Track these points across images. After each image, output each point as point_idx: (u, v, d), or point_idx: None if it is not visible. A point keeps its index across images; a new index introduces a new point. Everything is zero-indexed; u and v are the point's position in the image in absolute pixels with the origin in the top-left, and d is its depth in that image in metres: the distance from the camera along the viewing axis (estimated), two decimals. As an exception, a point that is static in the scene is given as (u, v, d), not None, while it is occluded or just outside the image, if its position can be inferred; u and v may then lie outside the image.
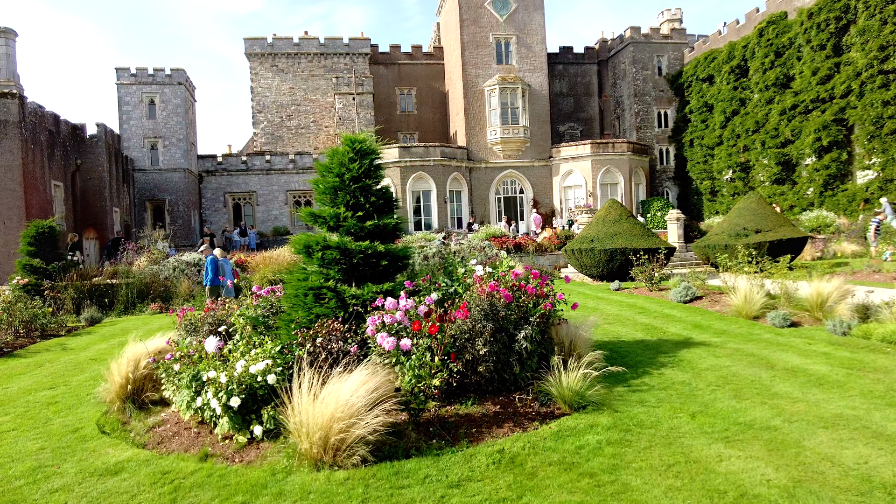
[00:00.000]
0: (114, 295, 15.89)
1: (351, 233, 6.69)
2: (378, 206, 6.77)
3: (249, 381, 5.03)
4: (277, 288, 7.93)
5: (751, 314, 9.66)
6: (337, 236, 6.75)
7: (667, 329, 9.07)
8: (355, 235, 6.75)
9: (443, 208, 35.44)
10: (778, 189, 31.21)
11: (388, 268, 6.77)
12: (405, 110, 44.49)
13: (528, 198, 38.13)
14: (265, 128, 41.34)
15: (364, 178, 6.68)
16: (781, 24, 31.01)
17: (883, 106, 24.99)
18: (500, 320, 5.87)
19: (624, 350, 7.79)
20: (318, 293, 6.46)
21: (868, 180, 26.50)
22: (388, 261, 6.57)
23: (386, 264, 6.56)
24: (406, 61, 44.59)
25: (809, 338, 7.97)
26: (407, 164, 35.01)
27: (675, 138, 40.94)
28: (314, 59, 42.08)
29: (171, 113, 32.90)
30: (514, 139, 37.19)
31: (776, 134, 31.02)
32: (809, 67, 28.78)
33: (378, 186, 6.97)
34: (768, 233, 17.43)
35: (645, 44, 41.66)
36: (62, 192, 22.14)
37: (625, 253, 15.82)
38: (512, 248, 21.46)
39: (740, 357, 7.06)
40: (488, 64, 37.84)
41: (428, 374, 5.05)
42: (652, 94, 41.54)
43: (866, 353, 6.93)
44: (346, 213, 6.61)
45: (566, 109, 45.49)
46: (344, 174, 6.65)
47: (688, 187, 39.85)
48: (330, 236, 6.73)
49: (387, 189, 7.07)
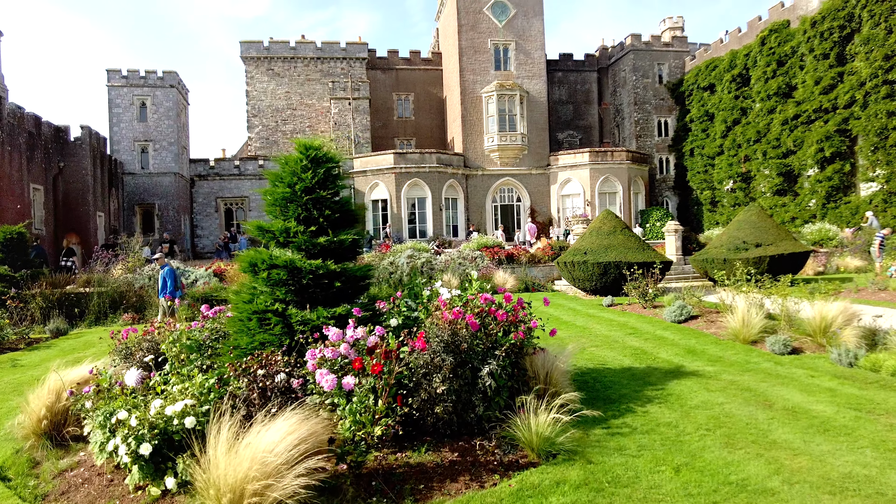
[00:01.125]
0: (86, 304, 15.21)
1: (302, 249, 6.02)
2: (334, 221, 6.10)
3: (164, 425, 4.35)
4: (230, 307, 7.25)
5: (748, 338, 8.97)
6: (289, 253, 6.08)
7: (657, 354, 8.37)
8: (308, 252, 6.08)
9: (438, 216, 34.80)
10: (780, 200, 30.53)
11: (345, 289, 6.10)
12: (402, 116, 43.95)
13: (525, 206, 37.48)
14: (260, 132, 40.79)
15: (318, 189, 6.01)
16: (784, 32, 30.43)
17: (888, 117, 24.34)
18: (464, 353, 5.18)
19: (608, 380, 7.09)
20: (263, 317, 5.80)
21: (872, 192, 25.82)
22: (342, 282, 5.89)
23: (340, 286, 5.87)
24: (404, 66, 44.09)
25: (812, 368, 7.27)
26: (402, 171, 34.40)
27: (675, 147, 40.32)
28: (311, 63, 41.58)
29: (163, 116, 32.34)
30: (511, 146, 36.59)
31: (778, 144, 30.38)
32: (812, 77, 28.17)
33: (337, 198, 6.30)
34: (769, 247, 16.76)
35: (645, 51, 41.12)
36: (42, 196, 21.49)
37: (619, 267, 15.14)
38: (504, 259, 20.77)
39: (735, 392, 6.37)
40: (486, 70, 37.30)
41: (369, 421, 4.36)
42: (652, 102, 40.96)
43: (876, 389, 6.23)
44: (296, 228, 5.94)
45: (565, 117, 44.93)
46: (295, 184, 5.99)
47: (688, 197, 39.18)
48: (281, 253, 6.06)
49: (347, 201, 6.40)
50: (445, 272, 19.04)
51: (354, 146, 39.63)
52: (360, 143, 39.90)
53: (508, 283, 18.48)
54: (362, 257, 16.33)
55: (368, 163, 35.58)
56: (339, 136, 39.94)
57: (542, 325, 6.45)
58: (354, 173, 35.78)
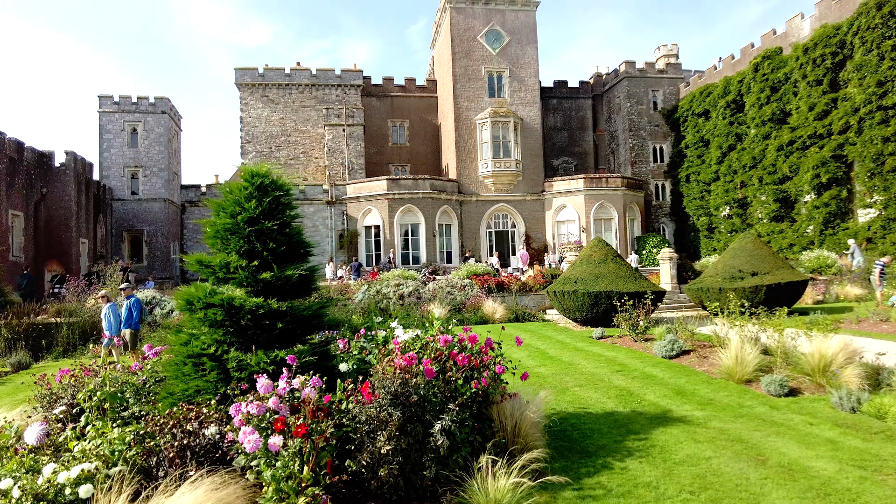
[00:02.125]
0: (55, 336, 14.59)
1: (244, 286, 5.48)
2: (280, 254, 5.56)
3: (53, 495, 3.74)
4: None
5: (742, 377, 8.35)
6: (230, 290, 5.54)
7: (644, 396, 7.75)
8: (253, 289, 5.54)
9: (431, 242, 34.34)
10: (777, 227, 30.09)
11: (292, 330, 5.53)
12: (397, 142, 43.88)
13: (520, 232, 37.07)
14: (253, 158, 40.59)
15: (263, 220, 5.50)
16: (777, 59, 30.42)
17: (883, 143, 24.05)
18: (414, 405, 4.59)
19: (588, 427, 6.46)
20: (198, 361, 5.22)
21: (870, 219, 25.38)
22: (286, 322, 5.33)
23: (283, 327, 5.31)
24: (399, 94, 44.21)
25: (811, 414, 6.65)
26: (395, 197, 34.09)
27: (670, 173, 40.09)
28: (305, 89, 41.66)
29: (154, 142, 32.14)
30: (505, 172, 36.34)
31: (774, 170, 30.09)
32: (806, 103, 28.01)
33: (287, 229, 5.78)
34: (765, 276, 16.19)
35: (640, 78, 41.23)
36: (22, 222, 21.02)
37: (610, 297, 14.56)
38: (494, 287, 20.19)
39: (725, 443, 5.74)
40: (480, 97, 37.30)
41: (293, 490, 3.75)
42: (647, 128, 40.89)
43: (882, 441, 5.61)
44: (237, 262, 5.40)
45: (560, 143, 44.84)
46: (238, 214, 5.48)
47: (684, 224, 38.78)
48: (220, 290, 5.51)
49: (297, 232, 5.88)
50: (433, 301, 18.46)
51: (348, 172, 39.42)
52: (354, 170, 39.69)
53: (498, 313, 17.88)
54: (326, 290, 15.67)
55: (362, 189, 35.30)
56: (332, 163, 39.78)
57: (512, 367, 5.87)
58: (347, 199, 35.48)
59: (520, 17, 38.12)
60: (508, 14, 37.92)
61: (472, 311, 18.07)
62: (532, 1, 38.18)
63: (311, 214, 35.52)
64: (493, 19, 37.67)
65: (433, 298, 18.63)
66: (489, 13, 37.63)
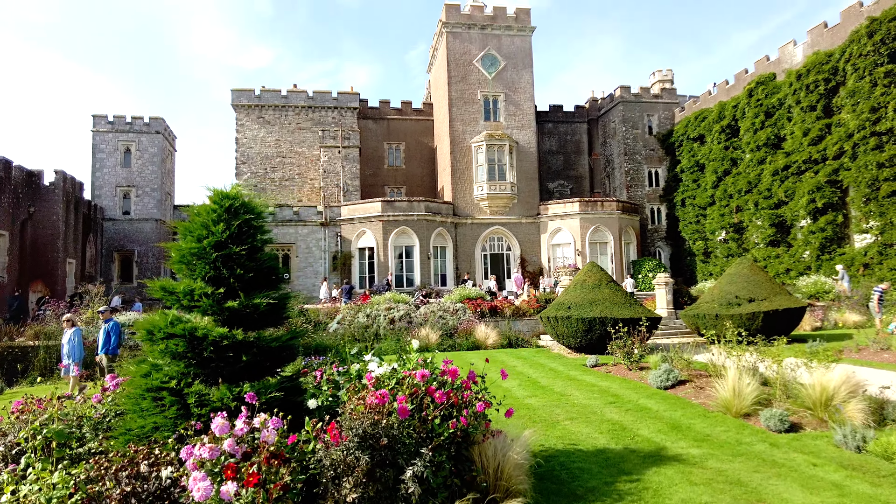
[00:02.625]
0: (31, 359, 14.13)
1: (210, 314, 5.14)
2: (248, 281, 5.24)
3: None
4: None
5: (741, 411, 7.98)
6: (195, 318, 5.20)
7: (637, 431, 7.36)
8: (220, 318, 5.20)
9: (426, 264, 34.03)
10: (773, 251, 29.90)
11: (260, 362, 5.17)
12: (393, 164, 43.88)
13: (515, 255, 36.80)
14: (248, 179, 40.47)
15: (231, 244, 5.18)
16: (770, 84, 30.61)
17: (878, 168, 24.01)
18: (385, 448, 4.22)
19: (577, 467, 6.07)
20: (157, 395, 4.86)
21: (866, 244, 25.22)
22: (252, 354, 4.97)
23: (249, 359, 4.95)
24: (395, 116, 44.37)
25: (814, 454, 6.27)
26: (390, 219, 33.88)
27: (666, 197, 40.07)
28: (302, 111, 41.77)
29: (147, 162, 31.99)
30: (500, 195, 36.23)
31: (769, 195, 30.02)
32: (800, 128, 28.07)
33: (258, 254, 5.46)
34: (763, 302, 15.89)
35: (635, 103, 41.49)
36: (6, 242, 20.64)
37: (604, 323, 14.21)
38: (487, 311, 19.81)
39: (723, 486, 5.36)
40: (476, 120, 37.40)
41: (243, 548, 3.37)
42: (642, 152, 41.00)
43: (892, 486, 5.23)
44: (202, 290, 5.07)
45: (556, 167, 44.91)
46: (204, 238, 5.17)
47: (681, 248, 38.61)
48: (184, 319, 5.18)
49: (268, 258, 5.56)
50: (424, 326, 18.06)
51: (343, 194, 39.29)
52: (349, 191, 39.57)
53: (490, 339, 17.48)
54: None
55: (356, 210, 35.09)
56: (327, 184, 39.66)
57: (497, 402, 5.53)
58: (342, 221, 35.25)
59: (515, 41, 38.45)
60: (504, 39, 38.24)
61: (464, 337, 17.67)
62: (528, 26, 38.56)
63: (304, 236, 35.22)
64: (489, 44, 37.98)
65: (425, 323, 18.24)
66: (485, 38, 37.95)
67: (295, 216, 35.28)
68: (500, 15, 38.21)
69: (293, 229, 35.15)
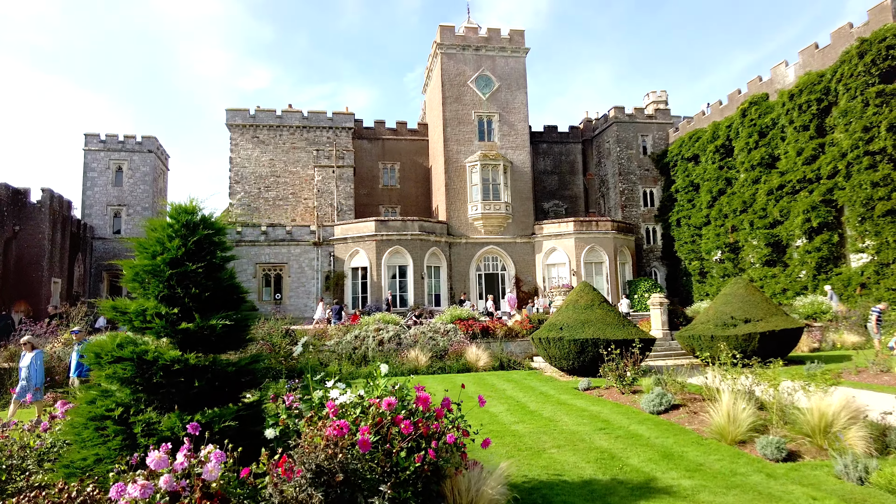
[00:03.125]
0: (3, 383, 13.68)
1: (163, 336, 4.80)
2: (205, 301, 4.90)
3: None
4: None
5: (736, 437, 7.60)
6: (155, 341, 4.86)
7: (627, 460, 6.96)
8: (175, 341, 4.86)
9: (420, 284, 33.65)
10: (769, 271, 29.64)
11: (220, 388, 4.82)
12: (388, 184, 43.79)
13: (510, 275, 36.48)
14: (242, 198, 40.28)
15: (187, 262, 4.86)
16: (763, 105, 30.69)
17: (872, 187, 23.89)
18: (341, 485, 3.85)
19: (560, 500, 5.67)
20: (101, 425, 4.49)
21: (863, 264, 24.98)
22: (207, 380, 4.62)
23: (201, 385, 4.59)
24: (390, 137, 44.42)
25: (814, 486, 5.89)
26: (383, 239, 33.60)
27: (661, 217, 39.94)
28: (296, 131, 41.77)
29: (139, 181, 31.79)
30: (495, 215, 36.06)
31: (764, 214, 29.88)
32: (794, 148, 28.05)
33: (218, 273, 5.14)
34: (759, 322, 15.56)
35: (629, 123, 41.62)
36: (-11, 261, 20.35)
37: (596, 344, 13.84)
38: (479, 332, 19.41)
39: (717, 523, 4.97)
40: (470, 140, 37.39)
41: None
42: (637, 172, 40.99)
43: (896, 523, 4.85)
44: (155, 310, 4.74)
45: (551, 187, 44.87)
46: (159, 255, 4.85)
47: (676, 268, 38.35)
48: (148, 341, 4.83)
49: (228, 276, 5.23)
50: (414, 347, 17.65)
51: (337, 213, 39.10)
52: (342, 211, 39.38)
53: (481, 361, 17.07)
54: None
55: (349, 230, 34.84)
56: (321, 204, 39.48)
57: (474, 431, 5.16)
58: (335, 240, 34.96)
59: (510, 63, 38.66)
60: (499, 60, 38.46)
61: (455, 358, 17.25)
62: (522, 48, 38.82)
63: (297, 256, 34.89)
64: (484, 65, 38.18)
65: (414, 344, 17.82)
66: (479, 59, 38.16)
67: (288, 236, 34.99)
68: (495, 36, 38.49)
69: (285, 249, 34.84)
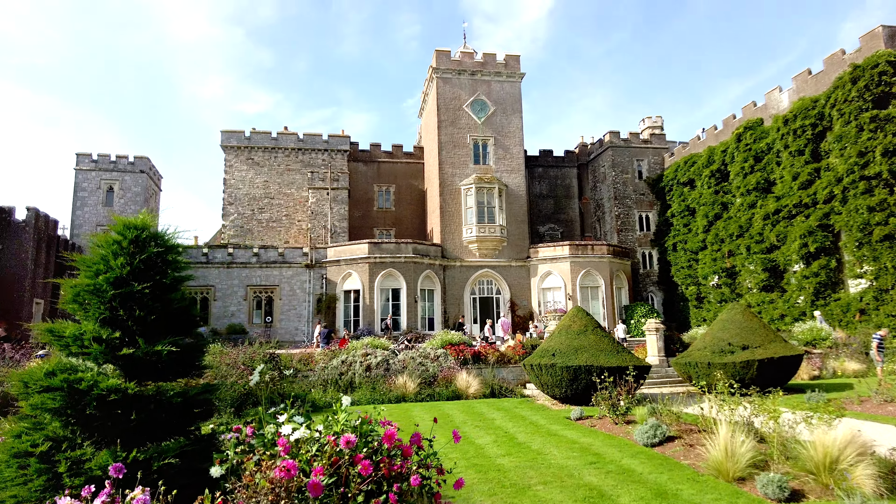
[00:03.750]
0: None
1: (103, 362, 4.37)
2: (151, 324, 4.48)
3: None
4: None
5: (734, 474, 7.11)
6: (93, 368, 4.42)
7: (617, 499, 6.46)
8: (122, 368, 4.42)
9: (413, 308, 33.13)
10: (767, 297, 29.23)
11: (166, 420, 4.37)
12: (383, 207, 43.59)
13: (505, 299, 35.98)
14: (235, 220, 39.99)
15: (133, 281, 4.45)
16: (758, 129, 30.69)
17: (869, 212, 23.66)
18: (284, 535, 3.38)
19: (543, 546, 5.16)
20: (24, 463, 4.02)
21: (861, 289, 24.60)
22: (148, 412, 4.17)
23: (144, 418, 4.14)
24: (386, 159, 44.38)
25: (819, 530, 5.40)
26: (376, 261, 33.20)
27: (657, 242, 39.68)
28: (291, 153, 41.70)
29: (130, 201, 31.50)
30: (490, 238, 35.75)
31: (761, 239, 29.61)
32: (790, 172, 27.93)
33: (168, 294, 4.72)
34: (757, 349, 15.10)
35: (624, 148, 41.66)
36: (-32, 281, 19.84)
37: (590, 371, 13.35)
38: (470, 358, 18.88)
39: (715, 575, 4.48)
40: (465, 164, 37.30)
41: None
42: (632, 196, 40.88)
43: (913, 577, 4.37)
44: (92, 333, 4.31)
45: (546, 211, 44.72)
46: (101, 273, 4.44)
47: (673, 293, 37.93)
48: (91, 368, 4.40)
49: (181, 298, 4.82)
50: (403, 373, 17.10)
51: (331, 235, 38.77)
52: (336, 233, 39.07)
53: (472, 388, 16.51)
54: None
55: (342, 252, 34.44)
56: (315, 226, 39.19)
57: (448, 470, 4.69)
58: (327, 263, 34.54)
59: (505, 87, 38.82)
60: (494, 84, 38.62)
61: (445, 385, 16.70)
62: (517, 73, 39.03)
63: (289, 278, 34.41)
64: (479, 89, 38.31)
65: (403, 370, 17.27)
66: (475, 83, 38.32)
67: (280, 258, 34.57)
68: (490, 61, 38.72)
69: (277, 271, 34.39)
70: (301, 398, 13.92)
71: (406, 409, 14.19)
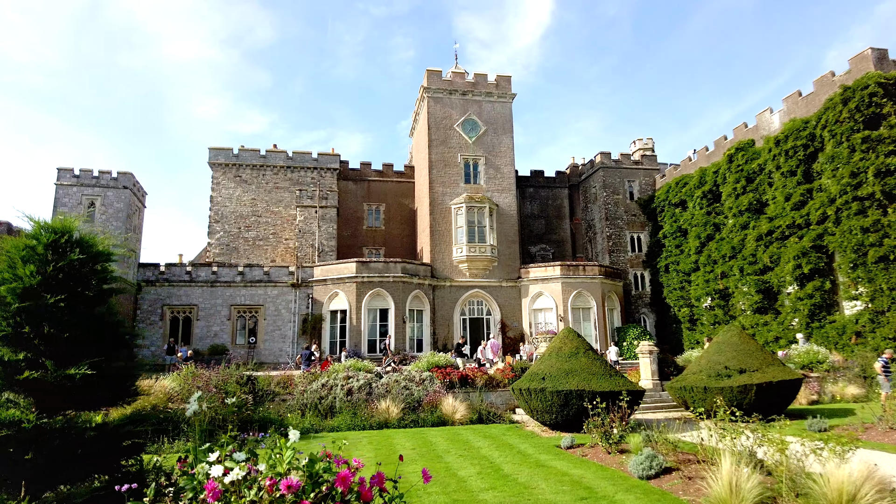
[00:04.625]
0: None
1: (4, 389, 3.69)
2: (66, 343, 3.82)
3: None
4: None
5: (741, 514, 6.43)
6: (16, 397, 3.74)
7: (612, 543, 5.77)
8: (32, 395, 3.75)
9: (401, 328, 32.32)
10: (761, 319, 28.73)
11: (86, 456, 3.68)
12: (372, 226, 43.01)
13: (495, 319, 35.28)
14: (221, 238, 39.22)
15: (45, 294, 3.80)
16: (750, 150, 30.56)
17: (863, 233, 23.34)
18: None
19: None
20: None
21: (857, 311, 24.15)
22: (52, 450, 3.49)
23: (50, 456, 3.46)
24: (376, 178, 43.96)
25: (841, 583, 4.73)
26: (364, 280, 32.48)
27: (649, 263, 39.27)
28: (280, 171, 41.19)
29: (112, 217, 30.70)
30: (480, 258, 35.18)
31: (754, 260, 29.22)
32: (782, 193, 27.69)
33: (94, 309, 4.07)
34: (754, 373, 14.50)
35: (615, 169, 41.50)
36: (-67, 299, 18.93)
37: (581, 396, 12.67)
38: (457, 381, 18.11)
39: None
40: (456, 183, 36.91)
41: None
42: (624, 217, 40.58)
43: None
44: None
45: (538, 231, 44.32)
46: (7, 282, 3.79)
47: (666, 314, 37.38)
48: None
49: (107, 313, 4.17)
50: (386, 397, 16.32)
51: (319, 254, 38.05)
52: (324, 251, 38.36)
53: (458, 413, 15.74)
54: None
55: (329, 271, 33.70)
56: (302, 244, 38.49)
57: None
58: (314, 282, 33.77)
59: (496, 107, 38.68)
60: (485, 105, 38.47)
61: (430, 410, 15.92)
62: (508, 93, 38.95)
63: (274, 297, 33.57)
64: (470, 109, 38.14)
65: (387, 394, 16.49)
66: (466, 103, 38.15)
67: (265, 276, 33.78)
68: (482, 81, 38.63)
69: (262, 290, 33.56)
70: (276, 424, 13.13)
71: (387, 436, 13.40)
